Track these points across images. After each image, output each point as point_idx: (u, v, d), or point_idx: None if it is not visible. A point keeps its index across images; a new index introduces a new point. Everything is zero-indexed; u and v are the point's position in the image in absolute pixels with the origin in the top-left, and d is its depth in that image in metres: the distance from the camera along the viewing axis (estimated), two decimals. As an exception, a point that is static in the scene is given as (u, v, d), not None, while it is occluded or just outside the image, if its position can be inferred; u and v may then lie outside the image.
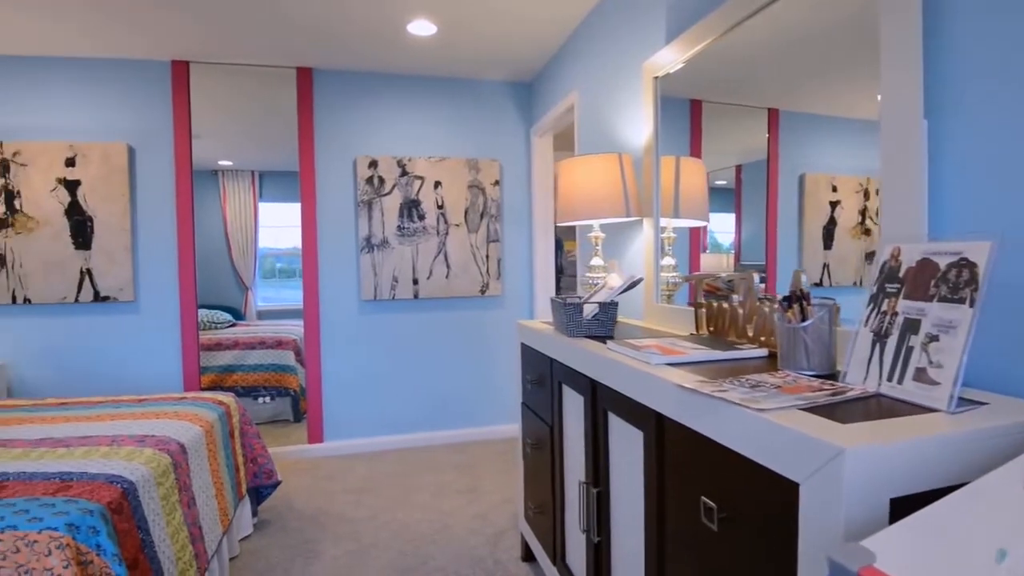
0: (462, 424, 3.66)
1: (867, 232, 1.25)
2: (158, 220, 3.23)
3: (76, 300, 3.13)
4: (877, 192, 1.17)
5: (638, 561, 1.24)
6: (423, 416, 3.60)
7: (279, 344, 4.14)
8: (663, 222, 1.96)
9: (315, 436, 3.45)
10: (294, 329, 4.50)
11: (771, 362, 1.20)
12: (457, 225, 3.57)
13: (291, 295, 6.22)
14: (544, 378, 1.85)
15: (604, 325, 1.67)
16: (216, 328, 4.59)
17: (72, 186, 3.13)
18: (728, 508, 0.91)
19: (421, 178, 3.51)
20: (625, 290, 1.70)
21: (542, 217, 3.62)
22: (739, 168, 1.78)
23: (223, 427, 2.22)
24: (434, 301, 3.60)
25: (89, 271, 3.14)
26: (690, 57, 1.78)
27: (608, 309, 1.67)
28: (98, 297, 3.15)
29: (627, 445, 1.28)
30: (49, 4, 2.49)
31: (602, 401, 1.39)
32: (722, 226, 1.95)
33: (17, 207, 3.08)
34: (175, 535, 1.65)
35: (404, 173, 3.49)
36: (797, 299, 1.06)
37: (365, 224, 3.44)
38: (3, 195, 3.06)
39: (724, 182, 1.86)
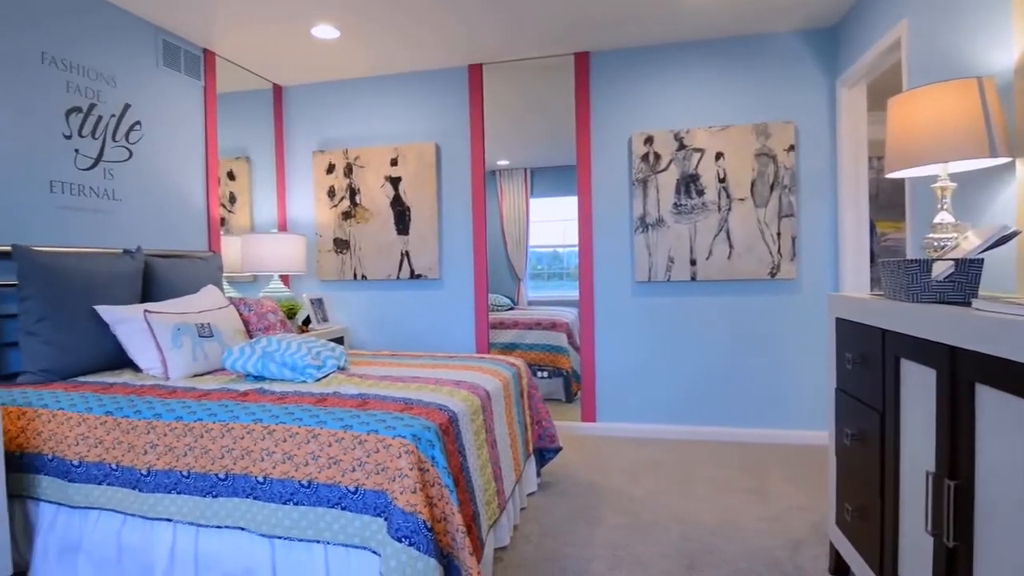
0: (741, 423, 3.46)
1: None
2: (457, 210, 3.84)
3: (397, 277, 3.93)
4: None
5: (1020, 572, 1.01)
6: (697, 408, 3.52)
7: (553, 326, 4.52)
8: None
9: (588, 415, 3.66)
10: (565, 313, 4.85)
11: None
12: (742, 199, 3.39)
13: (552, 294, 6.71)
14: (870, 356, 1.64)
15: (962, 288, 1.40)
16: (499, 310, 5.24)
17: (395, 182, 3.94)
18: None
19: (700, 150, 3.44)
20: (993, 245, 1.40)
21: (851, 186, 3.19)
22: None
23: (515, 386, 2.53)
24: (713, 284, 3.48)
25: (407, 253, 3.92)
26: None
27: (968, 268, 1.39)
28: (413, 275, 3.90)
29: (1007, 424, 1.05)
30: (374, 33, 3.19)
31: (966, 372, 1.17)
32: None
33: (357, 201, 4.01)
34: (483, 468, 1.94)
35: (681, 147, 3.46)
36: None
37: (639, 203, 3.52)
38: (349, 192, 4.02)
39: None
